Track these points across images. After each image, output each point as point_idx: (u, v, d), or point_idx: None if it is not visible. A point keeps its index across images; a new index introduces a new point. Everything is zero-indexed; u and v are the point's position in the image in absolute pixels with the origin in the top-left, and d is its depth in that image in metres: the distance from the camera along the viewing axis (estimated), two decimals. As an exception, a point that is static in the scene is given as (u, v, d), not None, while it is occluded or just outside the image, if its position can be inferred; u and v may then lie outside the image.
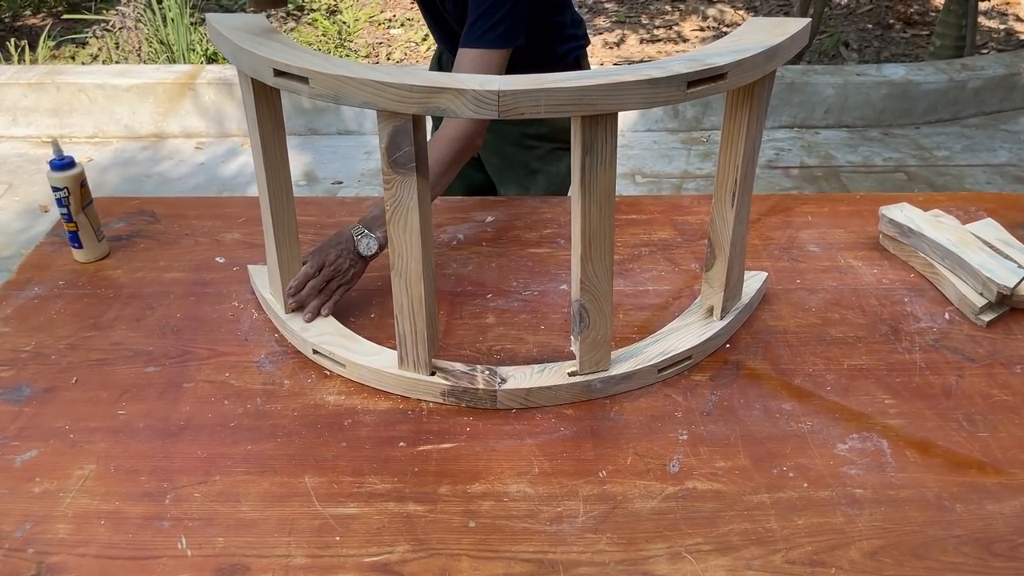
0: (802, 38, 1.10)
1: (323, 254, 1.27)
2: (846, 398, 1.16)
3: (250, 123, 1.16)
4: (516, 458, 1.06)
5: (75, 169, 1.39)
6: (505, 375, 1.15)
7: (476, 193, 1.80)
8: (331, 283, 1.27)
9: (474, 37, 1.35)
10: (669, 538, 0.95)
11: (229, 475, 1.03)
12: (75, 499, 0.99)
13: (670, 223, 1.58)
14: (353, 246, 1.28)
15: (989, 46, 4.77)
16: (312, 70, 0.96)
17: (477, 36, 1.35)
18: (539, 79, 0.93)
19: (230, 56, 1.09)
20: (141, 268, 1.44)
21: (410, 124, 0.97)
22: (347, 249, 1.27)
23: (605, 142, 0.98)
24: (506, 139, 1.68)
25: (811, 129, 3.97)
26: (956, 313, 1.33)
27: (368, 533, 0.96)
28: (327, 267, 1.26)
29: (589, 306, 1.09)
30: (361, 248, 1.28)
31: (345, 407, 1.14)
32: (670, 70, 0.95)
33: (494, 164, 1.74)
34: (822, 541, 0.95)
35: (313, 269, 1.26)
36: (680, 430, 1.11)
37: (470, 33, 1.36)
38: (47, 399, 1.15)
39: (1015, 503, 1.00)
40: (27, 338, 1.26)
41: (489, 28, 1.34)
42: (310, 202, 1.66)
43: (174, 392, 1.16)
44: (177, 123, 3.84)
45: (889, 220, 1.47)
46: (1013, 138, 3.88)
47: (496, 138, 1.68)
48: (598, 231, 1.04)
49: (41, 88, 3.75)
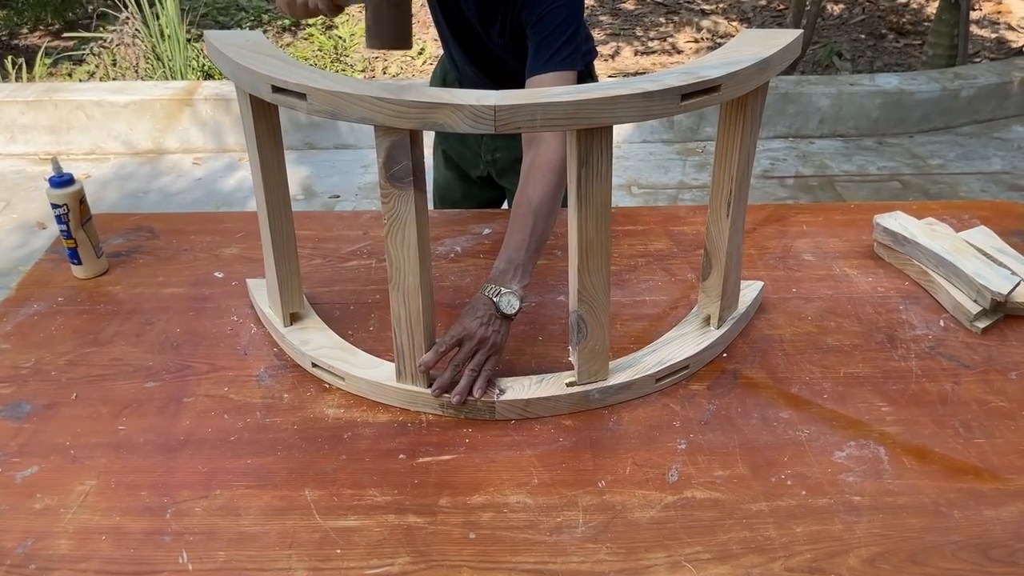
0: (795, 49, 1.11)
1: (461, 326, 1.15)
2: (843, 406, 1.17)
3: (248, 139, 1.17)
4: (515, 469, 1.07)
5: (74, 186, 1.40)
6: (504, 386, 1.16)
7: None
8: (476, 357, 1.14)
9: (543, 62, 1.33)
10: (668, 547, 0.96)
11: (230, 489, 1.03)
12: (76, 515, 1.00)
13: (666, 234, 1.59)
14: (494, 309, 1.16)
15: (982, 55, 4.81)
16: (310, 86, 0.97)
17: (546, 60, 1.32)
18: (534, 94, 0.94)
19: (228, 73, 1.10)
20: (140, 284, 1.44)
21: (407, 139, 0.98)
22: (488, 315, 1.15)
23: (601, 155, 0.99)
24: None
25: (806, 139, 3.99)
26: (951, 320, 1.34)
27: (369, 546, 0.96)
28: (468, 341, 1.14)
29: (587, 316, 1.10)
30: (504, 308, 1.16)
31: (344, 420, 1.15)
32: (664, 83, 0.96)
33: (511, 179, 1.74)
34: (821, 548, 0.95)
35: (451, 343, 1.14)
36: (678, 439, 1.11)
37: (538, 58, 1.33)
38: (47, 415, 1.15)
39: (1012, 509, 1.00)
40: (27, 355, 1.27)
41: (558, 50, 1.33)
42: (308, 216, 1.67)
43: (174, 407, 1.17)
44: (175, 139, 3.85)
45: (883, 229, 1.48)
46: (1006, 146, 3.90)
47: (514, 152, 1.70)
48: (595, 242, 1.05)
49: (39, 106, 3.76)
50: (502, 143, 1.69)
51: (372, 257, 1.51)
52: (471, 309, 1.17)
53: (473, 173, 1.78)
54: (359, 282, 1.44)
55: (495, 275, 1.19)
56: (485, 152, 1.72)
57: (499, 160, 1.72)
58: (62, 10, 5.03)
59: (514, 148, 1.69)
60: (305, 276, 1.40)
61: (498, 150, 1.71)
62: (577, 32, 1.35)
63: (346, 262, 1.50)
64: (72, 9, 5.11)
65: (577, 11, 1.35)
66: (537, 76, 1.33)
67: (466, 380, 1.13)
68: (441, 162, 1.83)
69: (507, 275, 1.19)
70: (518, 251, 1.20)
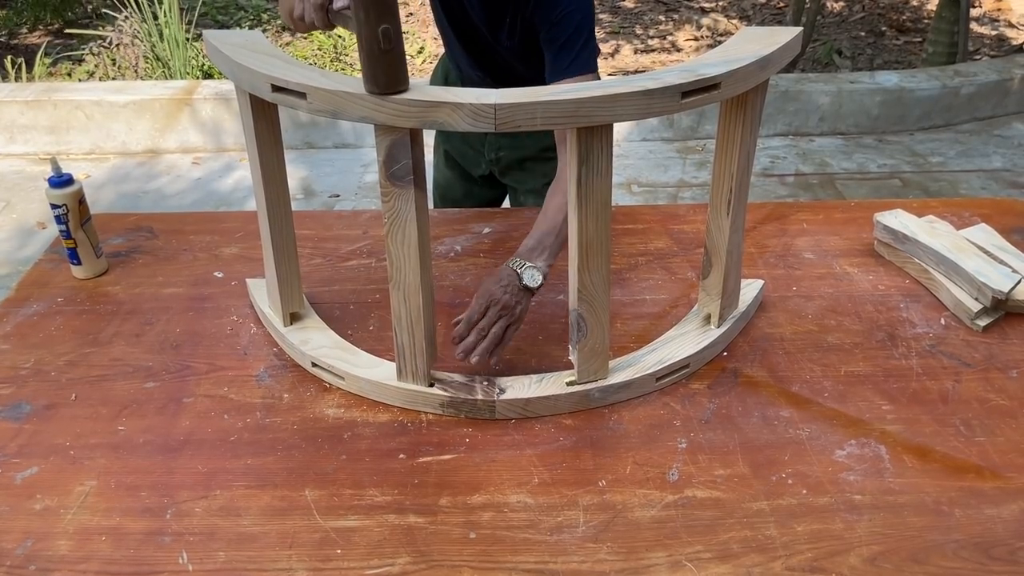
0: (794, 47, 1.11)
1: (487, 294, 1.18)
2: (844, 404, 1.17)
3: (248, 139, 1.17)
4: (516, 468, 1.07)
5: (74, 186, 1.40)
6: (504, 385, 1.15)
7: None
8: (498, 323, 1.17)
9: (565, 67, 1.34)
10: (669, 546, 0.96)
11: (230, 489, 1.03)
12: (76, 515, 1.00)
13: (666, 232, 1.58)
14: (517, 280, 1.19)
15: (982, 52, 4.80)
16: (310, 85, 0.97)
17: (568, 65, 1.34)
18: (535, 92, 0.94)
19: (228, 72, 1.10)
20: (140, 284, 1.44)
21: (408, 138, 0.98)
22: (511, 285, 1.19)
23: (601, 153, 0.99)
24: (528, 150, 1.70)
25: (806, 137, 3.99)
26: (952, 318, 1.34)
27: (369, 546, 0.96)
28: (493, 307, 1.17)
29: (587, 315, 1.10)
30: (527, 280, 1.19)
31: (345, 420, 1.14)
32: (664, 81, 0.95)
33: (516, 177, 1.75)
34: (822, 547, 0.95)
35: (479, 310, 1.17)
36: (679, 438, 1.11)
37: (559, 64, 1.35)
38: (47, 416, 1.15)
39: (1013, 507, 1.00)
40: (27, 355, 1.27)
41: (578, 54, 1.34)
42: (307, 216, 1.67)
43: (174, 407, 1.17)
44: (174, 139, 3.85)
45: (884, 227, 1.48)
46: (1007, 143, 3.90)
47: (517, 152, 1.70)
48: (595, 241, 1.04)
49: (38, 106, 3.76)
50: (505, 142, 1.69)
51: (372, 256, 1.51)
52: (495, 278, 1.20)
53: (475, 172, 1.78)
54: (359, 281, 1.44)
55: (522, 251, 1.23)
56: (488, 151, 1.72)
57: (502, 159, 1.72)
58: (61, 10, 5.02)
59: (517, 147, 1.69)
60: (305, 276, 1.40)
61: (501, 149, 1.71)
62: (592, 34, 1.37)
63: (346, 261, 1.50)
64: (72, 8, 5.10)
65: (590, 13, 1.36)
66: (559, 82, 1.34)
67: (487, 343, 1.16)
68: (442, 161, 1.83)
69: (534, 252, 1.23)
70: (548, 235, 1.24)
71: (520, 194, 1.78)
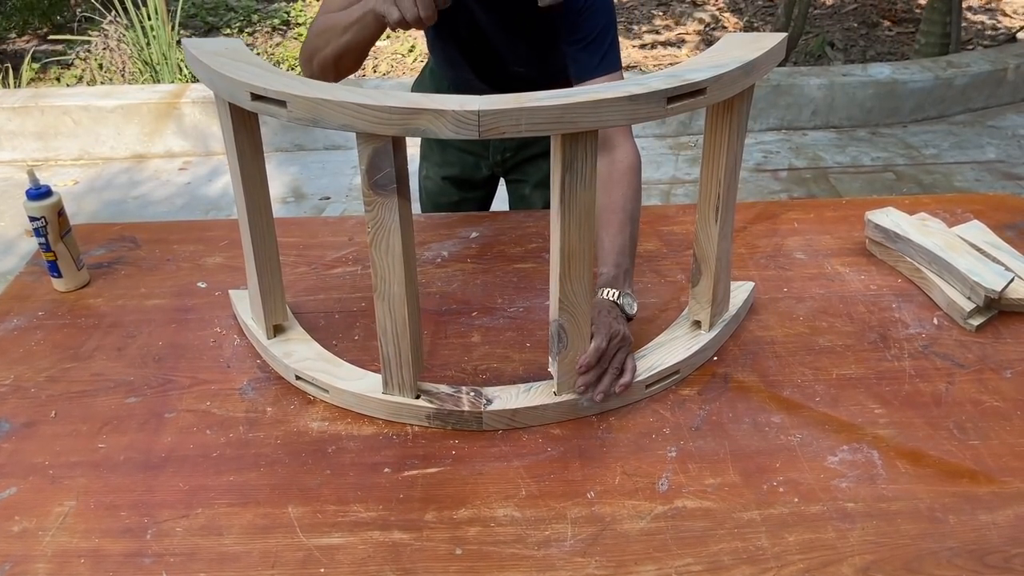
0: (779, 53, 1.09)
1: (607, 326, 1.15)
2: (836, 408, 1.15)
3: (228, 148, 1.15)
4: (503, 481, 1.05)
5: (52, 198, 1.37)
6: (491, 396, 1.14)
7: None
8: (619, 354, 1.16)
9: (595, 65, 1.34)
10: (659, 559, 0.94)
11: (211, 507, 1.01)
12: (55, 537, 0.98)
13: (656, 234, 1.57)
14: (619, 310, 1.19)
15: (975, 42, 4.79)
16: (290, 93, 0.95)
17: (598, 64, 1.34)
18: (519, 98, 0.92)
19: (207, 81, 1.07)
20: (122, 296, 1.42)
21: (390, 146, 0.96)
22: (618, 314, 1.19)
23: (585, 160, 0.97)
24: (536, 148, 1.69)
25: (798, 131, 3.97)
26: (945, 318, 1.33)
27: (353, 564, 0.94)
28: (615, 339, 1.15)
29: (567, 326, 1.08)
30: (627, 309, 1.21)
31: (329, 433, 1.13)
32: (649, 86, 0.94)
33: (522, 171, 1.74)
34: (814, 558, 0.94)
35: (605, 341, 1.14)
36: (669, 447, 1.09)
37: (589, 62, 1.34)
38: (26, 434, 1.13)
39: (1008, 512, 0.99)
40: (6, 371, 1.25)
41: (606, 53, 1.34)
42: (293, 223, 1.65)
43: (156, 423, 1.15)
44: (162, 143, 3.82)
45: (875, 225, 1.46)
46: (1000, 134, 3.88)
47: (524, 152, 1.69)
48: (577, 250, 1.03)
49: (25, 112, 3.73)
50: (511, 143, 1.68)
51: (358, 264, 1.49)
52: (603, 312, 1.18)
53: (476, 176, 1.75)
54: (344, 289, 1.42)
55: (607, 280, 1.23)
56: (493, 154, 1.70)
57: (508, 160, 1.71)
58: (50, 13, 4.98)
59: (525, 145, 1.68)
60: (290, 284, 1.38)
61: (507, 150, 1.69)
62: (617, 34, 1.37)
63: (331, 269, 1.48)
64: (59, 12, 5.06)
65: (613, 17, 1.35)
66: (589, 81, 1.33)
67: (610, 377, 1.14)
68: (436, 169, 1.79)
69: (619, 280, 1.23)
70: (622, 255, 1.25)
71: (526, 187, 1.75)
